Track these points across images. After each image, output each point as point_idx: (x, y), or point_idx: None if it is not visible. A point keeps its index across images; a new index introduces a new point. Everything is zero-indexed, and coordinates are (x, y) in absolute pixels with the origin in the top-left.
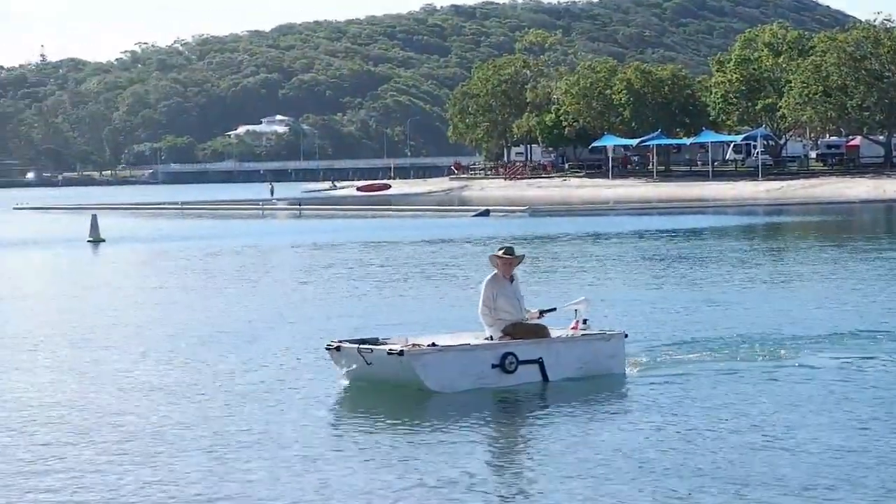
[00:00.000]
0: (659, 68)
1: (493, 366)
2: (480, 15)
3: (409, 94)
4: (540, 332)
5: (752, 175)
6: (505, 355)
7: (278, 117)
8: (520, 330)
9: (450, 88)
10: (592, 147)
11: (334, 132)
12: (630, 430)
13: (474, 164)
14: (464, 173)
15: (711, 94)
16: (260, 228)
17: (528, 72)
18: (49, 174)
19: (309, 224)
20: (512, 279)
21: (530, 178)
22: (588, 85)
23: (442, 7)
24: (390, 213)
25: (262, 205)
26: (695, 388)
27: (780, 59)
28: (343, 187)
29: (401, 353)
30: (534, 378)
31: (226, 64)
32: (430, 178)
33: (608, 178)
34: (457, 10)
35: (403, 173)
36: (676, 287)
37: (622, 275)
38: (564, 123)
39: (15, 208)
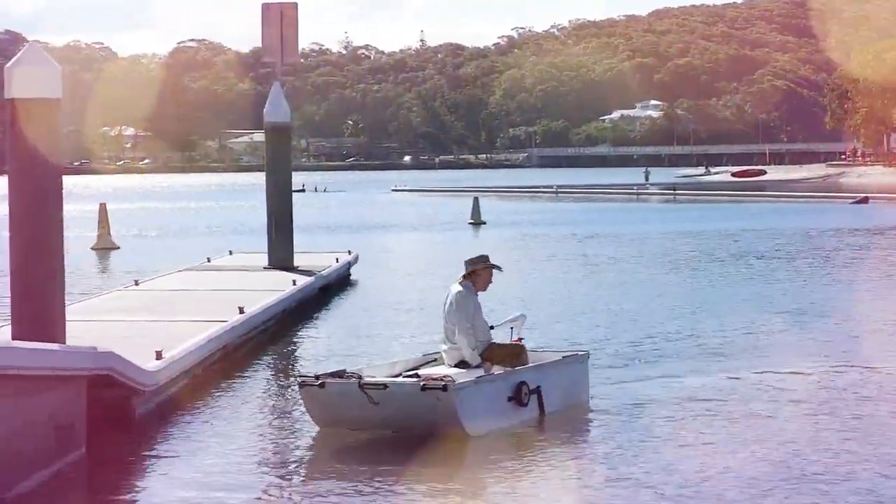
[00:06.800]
0: None
1: (509, 398)
2: None
3: (785, 79)
4: (519, 353)
5: None
6: (519, 385)
7: (652, 102)
8: (501, 353)
9: (828, 73)
10: None
11: (708, 117)
12: None
13: (868, 152)
14: (859, 160)
15: None
16: (634, 214)
17: None
18: (426, 157)
19: (683, 210)
20: None
21: None
22: None
23: None
24: (765, 199)
25: (637, 190)
26: None
27: None
28: (717, 172)
29: (444, 387)
30: (535, 412)
31: (601, 48)
32: (806, 164)
33: None
34: None
35: (778, 159)
36: None
37: None
38: None
39: (393, 190)
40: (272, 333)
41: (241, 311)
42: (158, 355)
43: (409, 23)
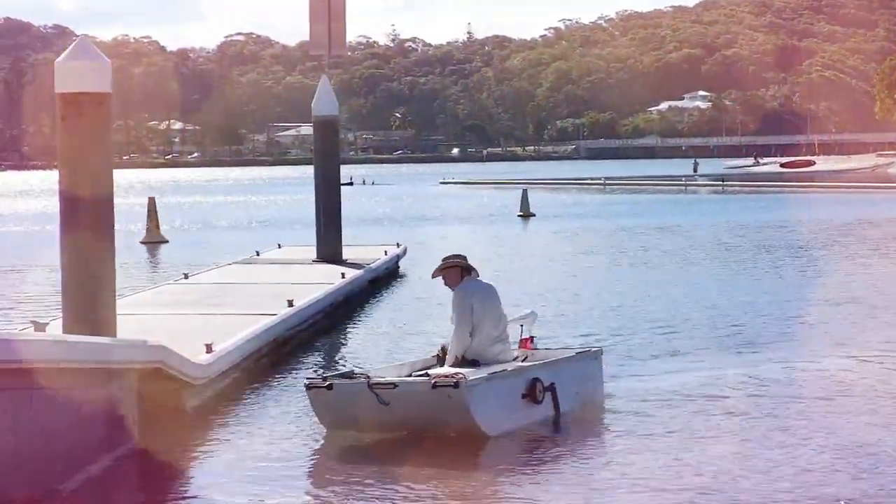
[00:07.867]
0: None
1: (523, 396)
2: None
3: (834, 69)
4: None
5: None
6: (533, 382)
7: (700, 93)
8: None
9: (877, 63)
10: None
11: (757, 108)
12: None
13: None
14: None
15: None
16: (682, 206)
17: None
18: (473, 150)
19: (731, 201)
20: None
21: None
22: None
23: None
24: (814, 190)
25: (685, 181)
26: None
27: None
28: (766, 163)
29: (455, 384)
30: (549, 409)
31: (648, 40)
32: (855, 154)
33: None
34: None
35: (827, 149)
36: None
37: None
38: None
39: (442, 182)
40: (321, 327)
41: (291, 304)
42: (208, 348)
43: (455, 15)
